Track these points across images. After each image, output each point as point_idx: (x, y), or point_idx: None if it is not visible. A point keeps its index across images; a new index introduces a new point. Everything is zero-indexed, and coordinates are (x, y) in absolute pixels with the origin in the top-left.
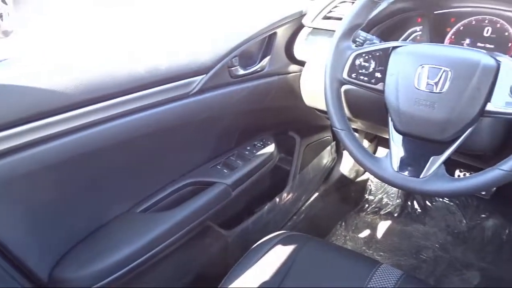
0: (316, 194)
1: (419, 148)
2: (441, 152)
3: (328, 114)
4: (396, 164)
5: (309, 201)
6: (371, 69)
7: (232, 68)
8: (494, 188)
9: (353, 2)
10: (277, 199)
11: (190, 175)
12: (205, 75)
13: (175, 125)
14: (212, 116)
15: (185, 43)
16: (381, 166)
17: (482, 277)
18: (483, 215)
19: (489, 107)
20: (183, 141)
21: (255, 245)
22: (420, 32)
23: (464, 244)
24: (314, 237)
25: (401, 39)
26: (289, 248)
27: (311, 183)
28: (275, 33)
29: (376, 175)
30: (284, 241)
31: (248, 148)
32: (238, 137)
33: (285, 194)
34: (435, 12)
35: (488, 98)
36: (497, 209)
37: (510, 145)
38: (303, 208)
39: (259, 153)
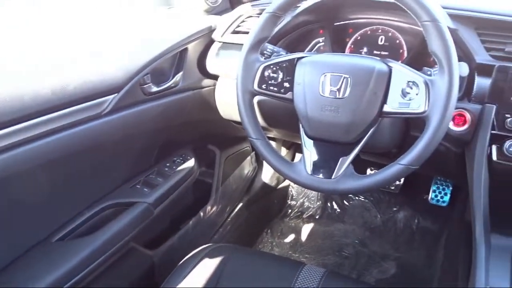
0: (240, 205)
1: (329, 150)
2: (348, 153)
3: (242, 125)
4: (309, 167)
5: (234, 212)
6: (279, 80)
7: (145, 86)
8: (401, 183)
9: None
10: (202, 213)
11: (109, 197)
12: (116, 94)
13: (88, 147)
14: (127, 135)
15: (94, 61)
16: (296, 171)
17: (398, 266)
18: (394, 208)
19: (386, 108)
20: (99, 163)
21: (181, 261)
22: (323, 43)
23: (380, 238)
24: (241, 247)
25: (306, 50)
26: (217, 260)
27: (234, 194)
28: (186, 49)
29: (292, 180)
30: (211, 254)
31: (168, 164)
32: (157, 154)
33: (209, 207)
34: (334, 24)
35: (384, 100)
36: (406, 201)
37: (409, 141)
38: (229, 219)
39: (179, 168)
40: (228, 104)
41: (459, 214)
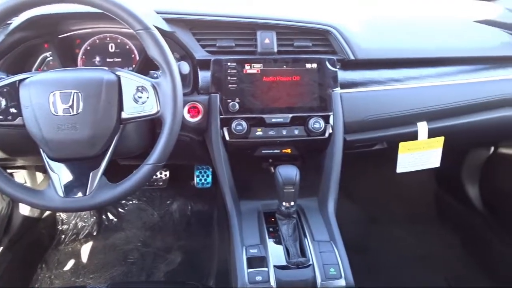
0: (0, 249)
1: (78, 168)
2: (98, 165)
3: None
4: (61, 190)
5: None
6: (3, 106)
7: None
8: (167, 177)
9: None
10: None
11: None
12: None
13: None
14: None
15: None
16: (46, 198)
17: (182, 254)
18: (168, 202)
19: (124, 115)
20: None
21: None
22: (51, 58)
23: (161, 233)
24: None
25: (34, 67)
26: None
27: None
28: None
29: (45, 208)
30: None
31: None
32: None
33: None
34: (59, 37)
35: (120, 108)
36: (176, 192)
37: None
38: None
39: None
40: None
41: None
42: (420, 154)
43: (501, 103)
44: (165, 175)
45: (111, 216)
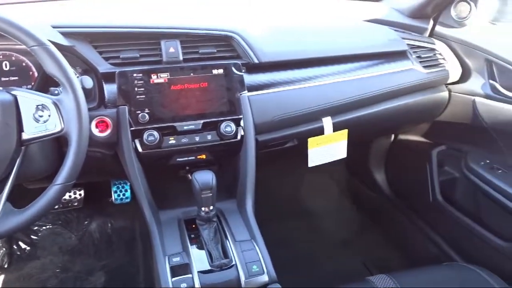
0: None
1: None
2: (0, 192)
3: None
4: None
5: None
6: None
7: None
8: (82, 196)
9: None
10: None
11: None
12: None
13: None
14: None
15: None
16: None
17: (106, 274)
18: (86, 222)
19: (25, 136)
20: None
21: None
22: None
23: (81, 255)
24: None
25: None
26: None
27: None
28: None
29: None
30: None
31: None
32: None
33: None
34: None
35: (20, 129)
36: (99, 211)
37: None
38: None
39: None
40: None
41: None
42: (328, 147)
43: (393, 94)
44: (80, 194)
45: (23, 245)
